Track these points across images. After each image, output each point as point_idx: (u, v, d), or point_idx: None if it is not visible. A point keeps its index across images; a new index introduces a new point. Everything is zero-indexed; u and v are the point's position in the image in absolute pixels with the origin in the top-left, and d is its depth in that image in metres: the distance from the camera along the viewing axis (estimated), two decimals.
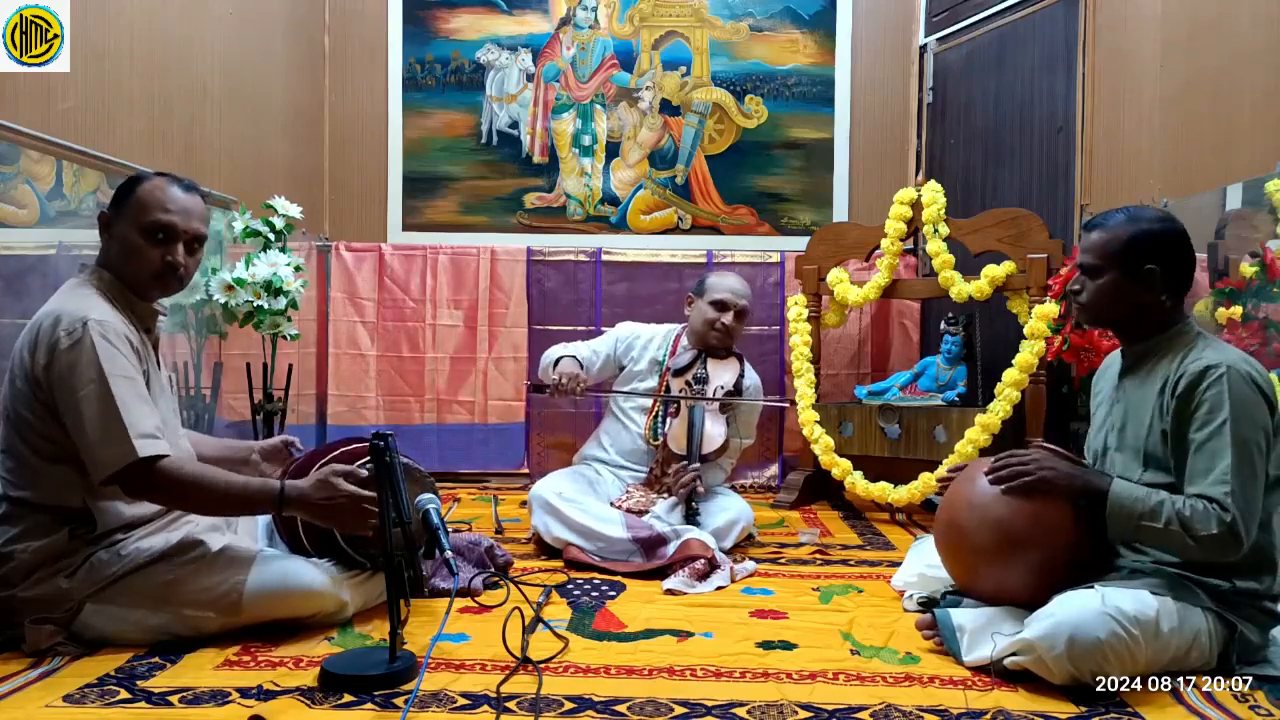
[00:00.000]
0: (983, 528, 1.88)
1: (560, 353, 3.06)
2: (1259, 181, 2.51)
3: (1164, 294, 1.86)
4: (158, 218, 1.93)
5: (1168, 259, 1.85)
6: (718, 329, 3.04)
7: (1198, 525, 1.69)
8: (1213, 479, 1.71)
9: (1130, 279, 1.86)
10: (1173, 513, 1.72)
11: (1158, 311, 1.88)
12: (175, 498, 1.89)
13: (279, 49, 4.04)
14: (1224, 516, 1.68)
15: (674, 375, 3.06)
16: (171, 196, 1.96)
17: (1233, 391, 1.72)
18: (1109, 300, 1.89)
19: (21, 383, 1.86)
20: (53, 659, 1.81)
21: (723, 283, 3.12)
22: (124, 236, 1.94)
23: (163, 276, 1.96)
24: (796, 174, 4.42)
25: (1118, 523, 1.78)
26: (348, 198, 4.39)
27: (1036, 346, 3.08)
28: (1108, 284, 1.88)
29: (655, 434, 3.01)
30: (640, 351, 3.17)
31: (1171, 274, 1.85)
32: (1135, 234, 1.85)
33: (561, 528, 2.69)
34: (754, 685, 1.74)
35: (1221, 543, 1.69)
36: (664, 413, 3.02)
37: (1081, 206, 3.44)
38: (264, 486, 1.91)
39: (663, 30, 4.42)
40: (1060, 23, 3.56)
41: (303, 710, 1.60)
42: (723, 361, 3.08)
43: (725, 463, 3.11)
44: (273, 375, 3.34)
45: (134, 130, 3.07)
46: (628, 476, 3.04)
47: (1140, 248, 1.84)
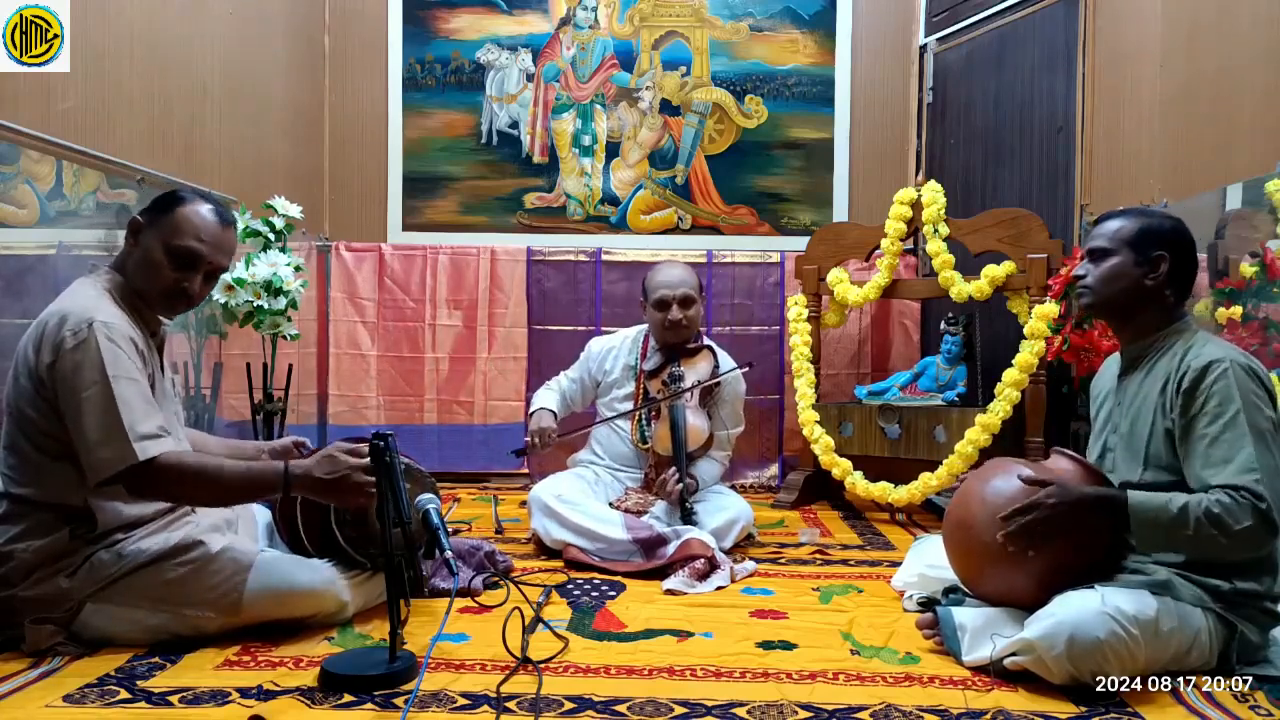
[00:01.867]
0: (993, 529, 1.87)
1: (537, 404, 3.08)
2: (1259, 181, 2.51)
3: (1169, 287, 1.88)
4: (189, 245, 1.94)
5: (1177, 251, 1.88)
6: (668, 326, 2.99)
7: (1231, 520, 1.66)
8: (1237, 468, 1.69)
9: (1139, 261, 1.88)
10: (1200, 513, 1.69)
11: (1160, 304, 1.89)
12: (181, 492, 1.90)
13: (279, 49, 4.04)
14: (1259, 505, 1.66)
15: (648, 378, 3.03)
16: (207, 226, 1.96)
17: (1240, 384, 1.73)
18: (1117, 283, 1.90)
19: (26, 380, 1.86)
20: (53, 659, 1.81)
21: (658, 279, 3.03)
22: (149, 249, 1.95)
23: (172, 299, 1.98)
24: (796, 174, 4.42)
25: (1146, 536, 1.75)
26: (348, 198, 4.39)
27: (1036, 346, 3.08)
28: (1116, 264, 1.90)
29: (643, 438, 3.00)
30: (613, 362, 3.15)
31: (1178, 267, 1.88)
32: (1149, 223, 1.91)
33: (561, 529, 2.69)
34: (754, 685, 1.74)
35: (1257, 535, 1.67)
36: (647, 416, 3.00)
37: (1081, 206, 3.44)
38: (268, 469, 1.91)
39: (663, 30, 4.42)
40: (1060, 23, 3.56)
41: (303, 710, 1.60)
42: (694, 357, 3.03)
43: (719, 455, 3.09)
44: (273, 375, 3.34)
45: (134, 130, 3.07)
46: (626, 479, 3.03)
47: (1153, 235, 1.89)
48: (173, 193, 2.01)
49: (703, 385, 2.96)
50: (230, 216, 2.04)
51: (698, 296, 3.03)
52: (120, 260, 2.00)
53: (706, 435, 2.92)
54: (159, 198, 2.00)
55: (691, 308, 3.00)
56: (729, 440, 3.15)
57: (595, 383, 3.18)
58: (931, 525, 3.29)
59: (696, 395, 2.96)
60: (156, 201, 1.99)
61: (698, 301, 3.02)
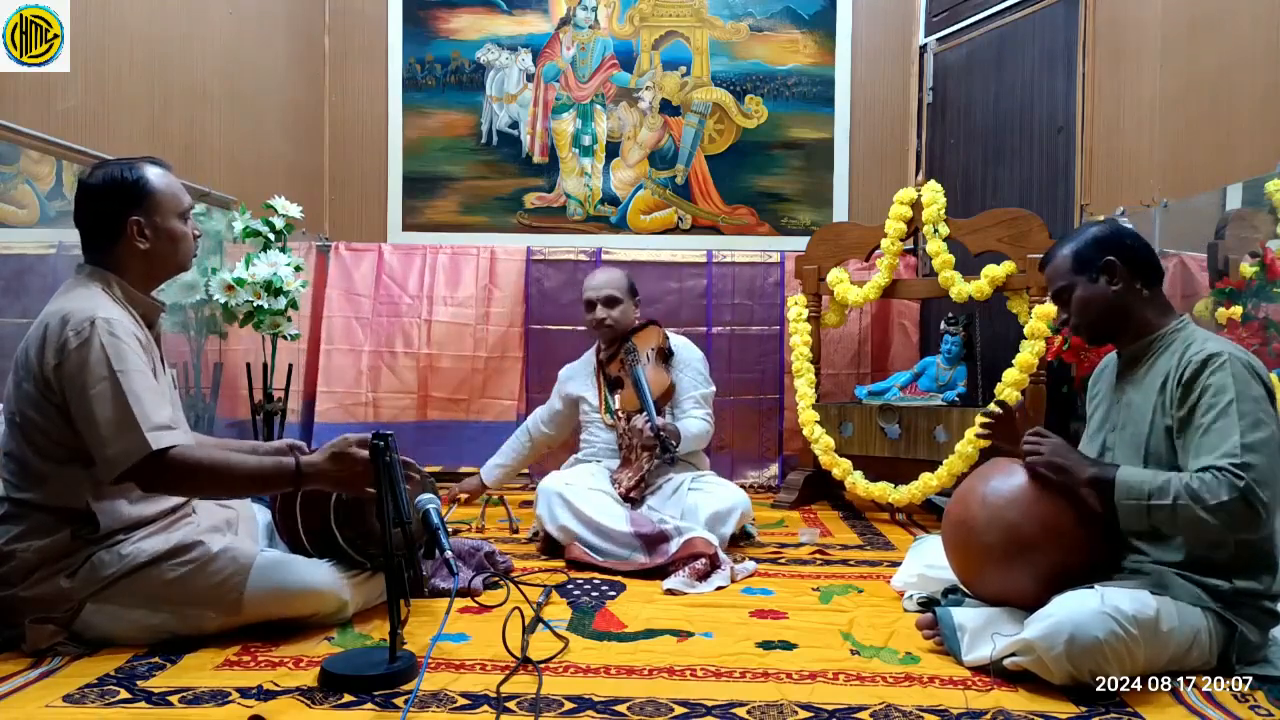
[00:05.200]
0: (993, 528, 1.88)
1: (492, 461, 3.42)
2: (1259, 181, 2.51)
3: (1136, 281, 1.90)
4: (185, 202, 2.03)
5: (1118, 248, 1.91)
6: (596, 326, 3.17)
7: (1208, 495, 1.67)
8: (1220, 453, 1.69)
9: (1094, 279, 1.92)
10: (1180, 487, 1.69)
11: (1139, 302, 1.91)
12: (191, 486, 1.89)
13: (279, 49, 4.04)
14: (1236, 482, 1.66)
15: (607, 364, 3.17)
16: (177, 184, 2.04)
17: (1236, 376, 1.74)
18: (1090, 308, 1.94)
19: (29, 384, 1.85)
20: (53, 659, 1.81)
21: (587, 283, 3.24)
22: (167, 228, 1.98)
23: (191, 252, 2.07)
24: (796, 174, 4.42)
25: (1127, 507, 1.75)
26: (348, 198, 4.39)
27: (1036, 346, 3.08)
28: (1080, 296, 1.94)
29: (610, 413, 3.08)
30: (578, 380, 3.29)
31: (1129, 260, 1.90)
32: (1077, 245, 1.96)
33: (567, 514, 2.71)
34: (754, 685, 1.74)
35: (1235, 511, 1.66)
36: (610, 392, 3.12)
37: (1081, 206, 3.44)
38: (279, 465, 1.91)
39: (663, 30, 4.42)
40: (1060, 23, 3.56)
41: (303, 710, 1.60)
42: (641, 333, 3.19)
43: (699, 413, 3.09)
44: (273, 375, 3.34)
45: (134, 130, 3.07)
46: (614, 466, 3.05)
47: (1087, 250, 1.93)
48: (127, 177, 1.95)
49: (658, 351, 3.12)
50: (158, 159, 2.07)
51: (623, 296, 3.18)
52: (117, 259, 1.95)
53: (668, 383, 3.05)
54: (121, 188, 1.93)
55: (616, 307, 3.16)
56: (704, 399, 3.16)
57: (573, 401, 3.29)
58: (931, 525, 3.29)
59: (653, 358, 3.10)
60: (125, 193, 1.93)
61: (623, 301, 3.17)
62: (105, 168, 1.97)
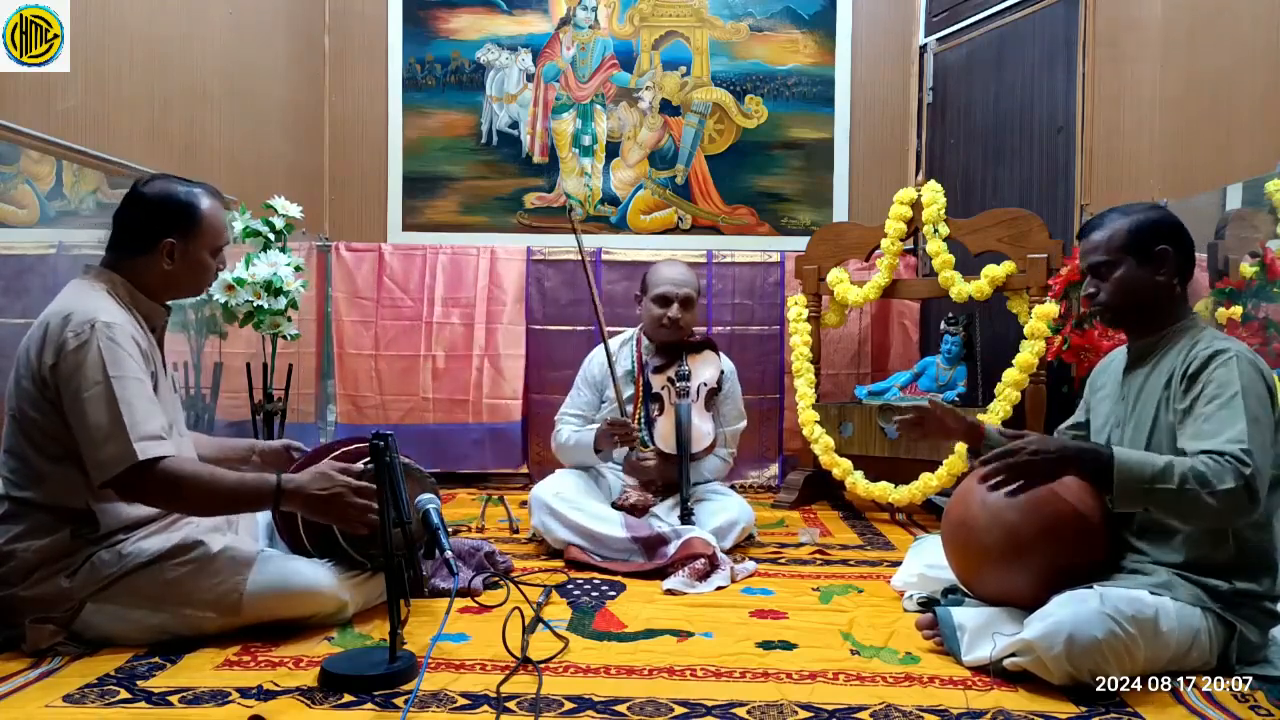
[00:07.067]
0: (992, 529, 1.87)
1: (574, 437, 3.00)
2: (1259, 181, 2.51)
3: (1176, 276, 1.87)
4: (224, 240, 2.06)
5: (1175, 239, 1.88)
6: (665, 324, 2.99)
7: (1215, 480, 1.63)
8: (1226, 438, 1.67)
9: (1145, 264, 1.87)
10: (1186, 470, 1.65)
11: (1171, 298, 1.89)
12: (171, 499, 1.88)
13: (279, 49, 4.04)
14: (1242, 470, 1.63)
15: (654, 372, 3.01)
16: (223, 218, 2.06)
17: (1243, 372, 1.74)
18: (1131, 290, 1.88)
19: (28, 382, 1.85)
20: (53, 659, 1.81)
21: (662, 275, 3.03)
22: (197, 259, 2.00)
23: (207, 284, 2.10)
24: (796, 174, 4.42)
25: (1127, 490, 1.69)
26: (348, 198, 4.39)
27: (1036, 346, 3.08)
28: (1125, 274, 1.88)
29: (643, 440, 2.95)
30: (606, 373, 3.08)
31: (1180, 254, 1.87)
32: (1137, 222, 1.89)
33: (561, 528, 2.69)
34: (754, 685, 1.74)
35: (1238, 501, 1.64)
36: (647, 416, 2.98)
37: (1082, 206, 3.44)
38: (260, 482, 1.90)
39: (663, 30, 4.42)
40: (1060, 23, 3.56)
41: (303, 710, 1.60)
42: (700, 356, 3.04)
43: (723, 452, 3.08)
44: (273, 375, 3.34)
45: (134, 130, 3.07)
46: (628, 479, 3.03)
47: (1146, 232, 1.87)
48: (183, 201, 1.97)
49: (710, 389, 2.96)
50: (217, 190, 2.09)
51: (696, 300, 3.06)
52: (137, 269, 1.96)
53: (710, 441, 2.90)
54: (173, 210, 1.96)
55: (690, 309, 3.02)
56: (734, 437, 3.14)
57: (599, 391, 3.13)
58: (931, 525, 3.29)
59: (703, 396, 2.95)
60: (174, 214, 1.96)
61: (695, 305, 3.05)
62: (165, 182, 1.99)
